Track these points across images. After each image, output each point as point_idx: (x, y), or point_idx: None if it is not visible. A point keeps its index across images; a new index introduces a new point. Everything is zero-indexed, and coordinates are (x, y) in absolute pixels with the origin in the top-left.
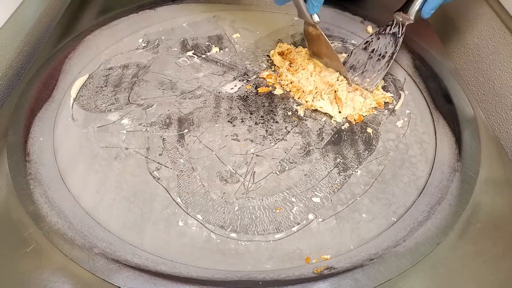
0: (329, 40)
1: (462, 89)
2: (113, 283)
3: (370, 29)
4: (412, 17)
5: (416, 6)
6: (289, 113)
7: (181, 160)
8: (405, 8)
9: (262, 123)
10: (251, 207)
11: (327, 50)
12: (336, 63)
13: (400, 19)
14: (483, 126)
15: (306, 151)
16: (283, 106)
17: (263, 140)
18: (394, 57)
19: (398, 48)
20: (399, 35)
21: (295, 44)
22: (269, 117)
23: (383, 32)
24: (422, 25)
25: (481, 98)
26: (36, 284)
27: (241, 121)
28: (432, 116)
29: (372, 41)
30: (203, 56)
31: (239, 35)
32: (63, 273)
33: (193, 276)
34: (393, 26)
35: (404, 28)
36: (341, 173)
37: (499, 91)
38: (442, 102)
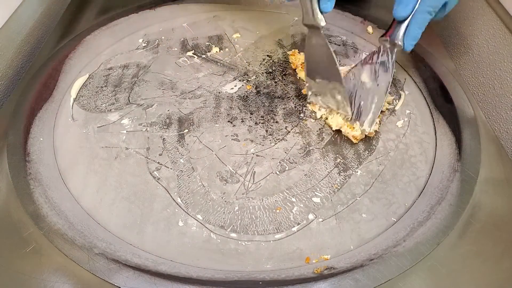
0: (329, 41)
1: (462, 89)
2: (113, 283)
3: (370, 29)
4: (401, 43)
5: (402, 30)
6: (289, 113)
7: (181, 160)
8: (391, 33)
9: (262, 123)
10: (251, 207)
11: (329, 64)
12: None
13: (388, 46)
14: (483, 126)
15: (306, 151)
16: (283, 106)
17: (263, 140)
18: (388, 90)
19: (391, 78)
20: (389, 64)
21: (295, 45)
22: (269, 117)
23: (370, 61)
24: None
25: (481, 98)
26: (36, 284)
27: (241, 121)
28: (432, 116)
29: (357, 71)
30: (203, 56)
31: (239, 35)
32: (63, 273)
33: (193, 276)
34: (380, 54)
35: (394, 56)
36: (341, 173)
37: (499, 91)
38: (442, 102)
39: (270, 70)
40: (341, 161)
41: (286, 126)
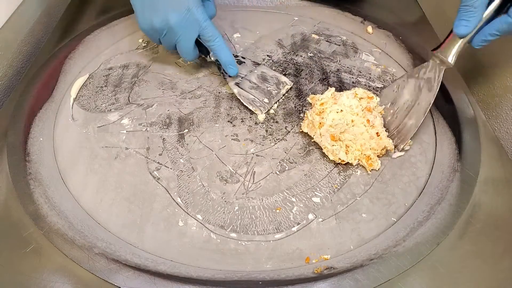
0: (329, 41)
1: (462, 89)
2: (113, 283)
3: (370, 29)
4: (452, 62)
5: (456, 48)
6: (289, 113)
7: (181, 160)
8: (444, 49)
9: (262, 123)
10: (251, 207)
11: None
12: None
13: (438, 62)
14: (483, 126)
15: (306, 151)
16: (283, 106)
17: (263, 140)
18: (427, 111)
19: (433, 99)
20: (434, 82)
21: (295, 45)
22: (269, 117)
23: (416, 75)
24: (423, 25)
25: (481, 98)
26: (36, 284)
27: (241, 121)
28: (432, 116)
29: (402, 83)
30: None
31: (239, 35)
32: (63, 273)
33: (193, 276)
34: (428, 69)
35: (441, 74)
36: (341, 173)
37: (499, 91)
38: (442, 102)
39: None
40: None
41: (286, 126)
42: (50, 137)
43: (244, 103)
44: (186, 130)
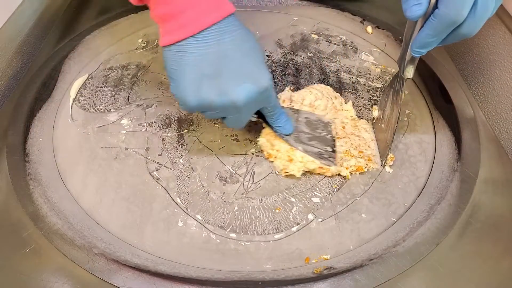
0: (329, 41)
1: (462, 89)
2: (113, 283)
3: (369, 29)
4: (403, 75)
5: (407, 59)
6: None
7: (181, 160)
8: (398, 60)
9: (261, 123)
10: (250, 207)
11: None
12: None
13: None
14: (483, 126)
15: None
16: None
17: None
18: (395, 126)
19: (398, 113)
20: (399, 96)
21: (295, 45)
22: None
23: (393, 86)
24: None
25: (481, 98)
26: (35, 284)
27: None
28: (431, 116)
29: (386, 94)
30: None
31: None
32: (62, 273)
33: (192, 276)
34: (397, 80)
35: (403, 86)
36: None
37: (499, 91)
38: (442, 102)
39: (270, 70)
40: None
41: None
42: (50, 138)
43: (314, 159)
44: (186, 130)
